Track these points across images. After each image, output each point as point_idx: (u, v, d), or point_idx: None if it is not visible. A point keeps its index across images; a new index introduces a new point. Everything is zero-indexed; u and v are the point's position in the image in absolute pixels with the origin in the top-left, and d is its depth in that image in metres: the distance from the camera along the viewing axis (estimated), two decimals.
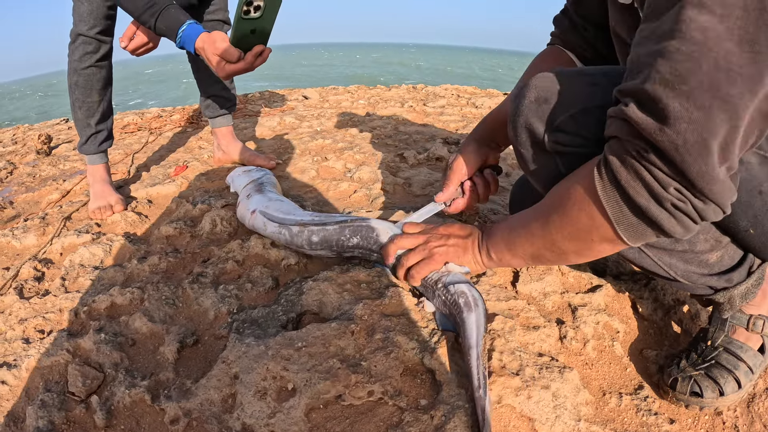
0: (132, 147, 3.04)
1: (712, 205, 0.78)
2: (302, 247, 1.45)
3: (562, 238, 0.97)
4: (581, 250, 0.97)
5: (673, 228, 0.82)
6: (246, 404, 0.98)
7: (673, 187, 0.78)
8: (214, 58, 1.50)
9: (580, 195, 0.91)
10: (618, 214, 0.85)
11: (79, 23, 1.89)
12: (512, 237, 1.11)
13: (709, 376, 1.03)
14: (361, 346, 1.11)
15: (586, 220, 0.90)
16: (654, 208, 0.81)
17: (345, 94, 4.58)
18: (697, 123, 0.71)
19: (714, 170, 0.74)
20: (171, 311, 1.33)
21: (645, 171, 0.79)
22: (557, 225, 0.97)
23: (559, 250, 1.00)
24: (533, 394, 0.99)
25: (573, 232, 0.94)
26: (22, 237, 1.84)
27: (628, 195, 0.82)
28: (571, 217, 0.93)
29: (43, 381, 1.13)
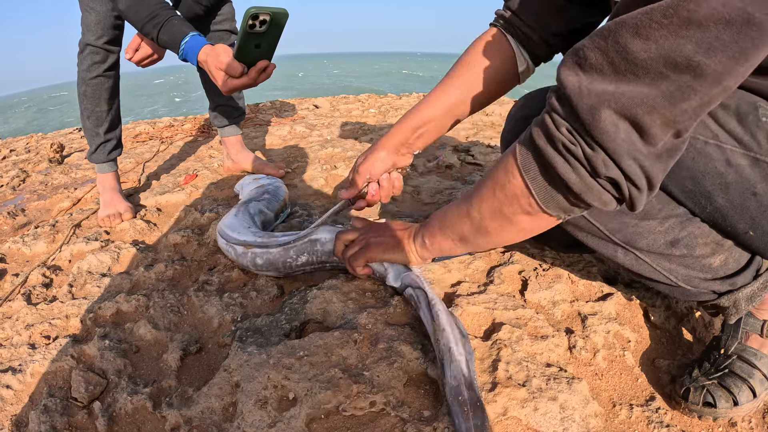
0: (143, 156, 3.05)
1: (601, 153, 0.75)
2: (248, 268, 1.46)
3: (482, 204, 0.96)
4: (499, 218, 0.94)
5: (568, 175, 0.78)
6: (246, 413, 0.97)
7: (565, 127, 0.77)
8: (217, 72, 1.49)
9: (502, 158, 0.91)
10: (525, 162, 0.84)
11: (87, 33, 1.91)
12: (445, 216, 1.10)
13: (722, 385, 1.00)
14: (364, 355, 1.10)
15: (503, 174, 0.89)
16: (549, 150, 0.79)
17: (356, 103, 4.59)
18: (605, 74, 0.71)
19: (605, 112, 0.71)
20: (175, 319, 1.32)
21: (547, 116, 0.80)
22: (480, 195, 0.96)
23: (478, 221, 0.98)
24: (540, 406, 0.97)
25: (491, 192, 0.93)
26: (33, 244, 1.85)
27: (532, 138, 0.82)
28: (492, 181, 0.92)
29: (47, 386, 1.13)
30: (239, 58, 1.45)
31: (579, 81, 0.73)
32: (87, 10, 1.88)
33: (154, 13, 1.57)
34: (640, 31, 0.67)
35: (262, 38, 1.40)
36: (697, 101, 0.69)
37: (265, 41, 1.42)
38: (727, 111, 0.88)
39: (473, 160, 2.58)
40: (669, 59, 0.66)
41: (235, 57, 1.45)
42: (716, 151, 0.89)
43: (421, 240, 1.18)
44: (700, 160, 0.91)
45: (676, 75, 0.67)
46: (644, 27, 0.66)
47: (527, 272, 1.41)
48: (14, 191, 2.66)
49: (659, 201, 0.97)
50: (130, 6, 1.58)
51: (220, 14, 2.16)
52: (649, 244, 0.99)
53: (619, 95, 0.70)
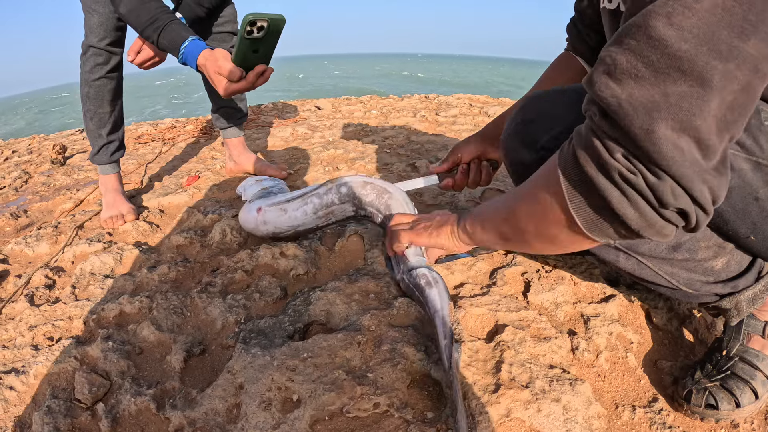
0: (145, 157, 3.05)
1: (668, 180, 0.65)
2: (333, 203, 1.55)
3: (523, 215, 0.90)
4: (541, 234, 0.88)
5: (626, 211, 0.70)
6: (250, 415, 0.97)
7: (621, 153, 0.67)
8: (216, 76, 1.50)
9: (545, 172, 0.83)
10: (571, 190, 0.76)
11: (89, 35, 1.91)
12: (487, 210, 1.08)
13: (724, 387, 1.00)
14: (367, 357, 1.10)
15: (544, 195, 0.82)
16: (602, 180, 0.70)
17: (357, 105, 4.59)
18: (643, 77, 0.64)
19: (663, 131, 0.63)
20: (179, 320, 1.32)
21: (593, 136, 0.70)
22: (521, 201, 0.92)
23: (520, 231, 0.93)
24: (543, 407, 0.97)
25: (532, 210, 0.87)
26: (35, 245, 1.85)
27: (579, 165, 0.73)
28: (532, 194, 0.86)
29: (50, 387, 1.13)
30: (237, 63, 1.47)
31: (615, 93, 0.66)
32: (90, 12, 1.89)
33: (155, 17, 1.58)
34: (673, 20, 0.61)
35: (259, 44, 1.42)
36: (745, 95, 0.63)
37: (263, 46, 1.44)
38: None
39: None
40: (713, 47, 0.60)
41: (233, 61, 1.47)
42: None
43: (463, 227, 1.16)
44: None
45: (722, 64, 0.60)
46: (677, 14, 0.60)
47: (530, 274, 1.41)
48: (16, 192, 2.66)
49: None
50: (131, 10, 1.59)
51: (221, 16, 2.16)
52: (651, 248, 0.99)
53: (671, 105, 0.62)
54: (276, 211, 1.55)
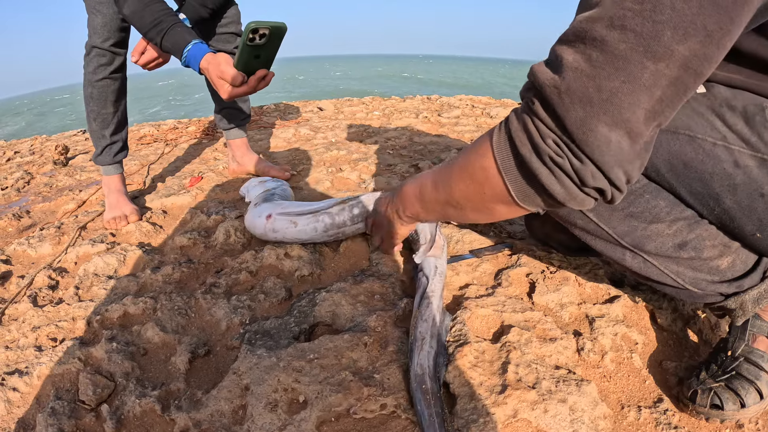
0: (148, 158, 3.05)
1: (590, 165, 0.74)
2: (344, 224, 1.53)
3: (462, 195, 0.96)
4: (478, 207, 0.95)
5: (553, 186, 0.78)
6: (257, 416, 0.97)
7: (552, 139, 0.75)
8: (218, 80, 1.52)
9: (480, 149, 0.88)
10: (506, 165, 0.83)
11: (93, 36, 1.91)
12: (423, 195, 1.12)
13: (729, 387, 1.00)
14: (374, 358, 1.10)
15: (480, 172, 0.88)
16: (534, 161, 0.78)
17: (360, 106, 4.59)
18: (582, 72, 0.70)
19: (593, 121, 0.70)
20: (183, 321, 1.32)
21: (529, 121, 0.78)
22: (458, 178, 0.95)
23: (458, 205, 0.99)
24: (550, 408, 0.97)
25: (469, 185, 0.92)
26: (38, 246, 1.85)
27: (514, 145, 0.80)
28: (469, 169, 0.92)
29: (54, 389, 1.13)
30: (239, 67, 1.49)
31: (556, 84, 0.72)
32: (93, 12, 1.88)
33: (158, 19, 1.59)
34: (614, 22, 0.67)
35: (261, 50, 1.44)
36: (673, 89, 0.69)
37: (264, 52, 1.47)
38: (735, 112, 0.88)
39: None
40: (648, 48, 0.66)
41: (235, 66, 1.49)
42: (724, 152, 0.89)
43: (400, 213, 1.26)
44: (708, 162, 0.90)
45: (654, 64, 0.67)
46: (618, 18, 0.66)
47: (535, 275, 1.41)
48: (19, 193, 2.66)
49: (667, 204, 0.97)
50: (134, 11, 1.59)
51: (225, 17, 2.16)
52: (657, 247, 0.99)
53: (603, 100, 0.69)
54: (286, 222, 1.55)
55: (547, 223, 1.40)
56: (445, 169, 1.02)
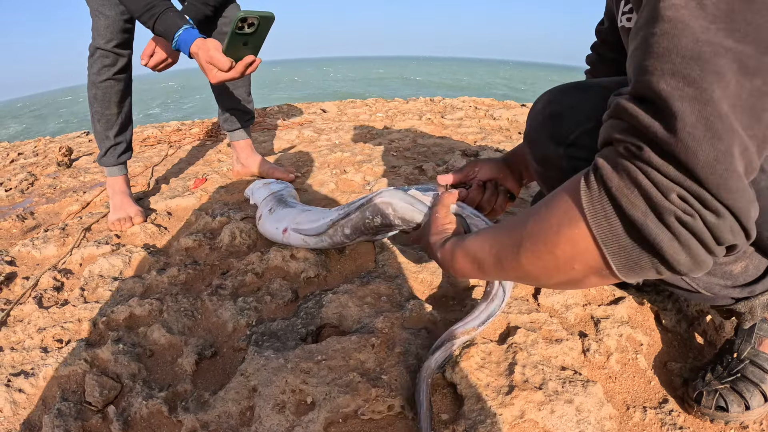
0: (152, 160, 3.06)
1: (729, 217, 0.59)
2: (343, 243, 1.47)
3: (536, 268, 0.77)
4: (560, 282, 0.76)
5: (677, 255, 0.61)
6: (264, 417, 0.97)
7: (676, 193, 0.59)
8: (206, 64, 1.59)
9: (562, 213, 0.71)
10: (607, 235, 0.65)
11: (97, 37, 1.93)
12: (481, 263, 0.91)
13: (734, 389, 1.00)
14: (381, 359, 1.09)
15: (567, 245, 0.70)
16: (652, 224, 0.61)
17: (363, 108, 4.59)
18: (693, 99, 0.56)
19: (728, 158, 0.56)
20: (189, 323, 1.32)
21: (641, 174, 0.61)
22: (531, 254, 0.76)
23: (530, 277, 0.80)
24: (556, 409, 0.97)
25: (548, 262, 0.74)
26: (42, 247, 1.85)
27: (620, 207, 0.63)
28: (547, 243, 0.73)
29: (60, 390, 1.12)
30: (228, 53, 1.55)
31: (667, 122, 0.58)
32: (96, 15, 1.90)
33: (151, 3, 1.65)
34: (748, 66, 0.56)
35: (249, 37, 1.51)
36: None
37: (253, 40, 1.53)
38: None
39: None
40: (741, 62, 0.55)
41: (223, 52, 1.55)
42: None
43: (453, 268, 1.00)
44: None
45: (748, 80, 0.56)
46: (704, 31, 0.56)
47: None
48: (23, 194, 2.66)
49: None
50: None
51: (224, 16, 2.16)
52: None
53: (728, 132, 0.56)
54: (299, 240, 1.54)
55: None
56: (508, 238, 0.83)
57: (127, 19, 1.92)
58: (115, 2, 1.87)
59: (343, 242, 1.46)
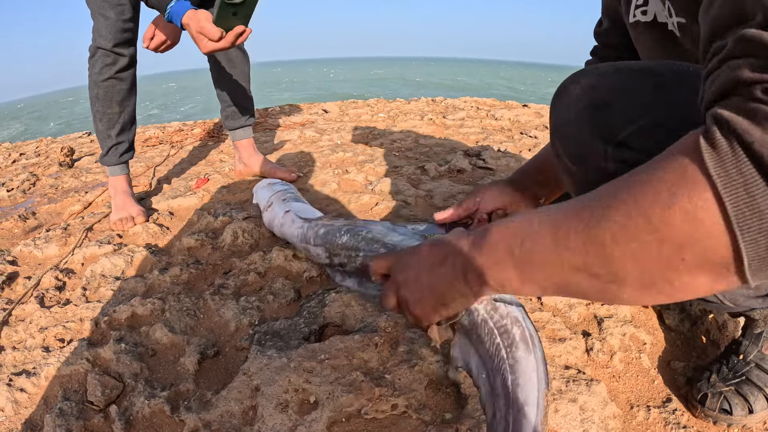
0: (154, 160, 3.05)
1: None
2: (308, 242, 1.41)
3: (623, 254, 0.53)
4: (651, 281, 0.54)
5: None
6: (267, 417, 0.96)
7: None
8: (197, 35, 1.63)
9: (675, 179, 0.49)
10: (744, 211, 0.44)
11: (98, 38, 1.96)
12: (528, 249, 0.64)
13: (739, 392, 1.00)
14: (384, 358, 1.09)
15: (683, 224, 0.48)
16: None
17: (364, 108, 4.59)
18: None
19: None
20: (192, 322, 1.32)
21: None
22: (619, 230, 0.53)
23: (610, 275, 0.56)
24: (560, 408, 0.97)
25: (649, 245, 0.51)
26: (44, 247, 1.85)
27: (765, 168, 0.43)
28: (650, 218, 0.50)
29: (62, 390, 1.12)
30: (218, 24, 1.59)
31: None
32: (97, 17, 1.93)
33: None
34: None
35: (238, 8, 1.54)
36: None
37: (242, 10, 1.56)
38: None
39: (484, 164, 2.57)
40: None
41: (213, 22, 1.59)
42: None
43: (477, 280, 0.72)
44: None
45: None
46: None
47: None
48: (24, 194, 2.66)
49: None
50: None
51: None
52: None
53: None
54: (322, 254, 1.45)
55: None
56: (583, 208, 0.59)
57: (127, 19, 1.94)
58: (115, 3, 1.89)
59: (308, 241, 1.42)
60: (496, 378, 0.77)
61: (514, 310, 0.81)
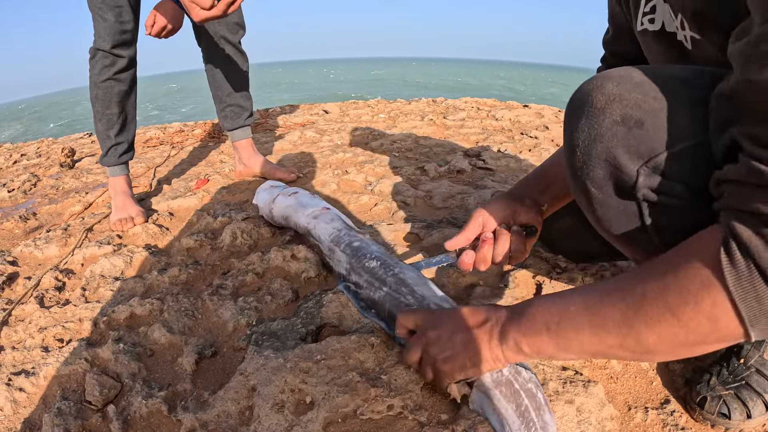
0: (154, 161, 3.06)
1: None
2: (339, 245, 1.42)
3: (658, 340, 0.67)
4: (677, 351, 0.69)
5: None
6: (263, 417, 0.96)
7: None
8: (189, 3, 1.61)
9: (699, 286, 0.62)
10: (757, 316, 0.59)
11: (97, 39, 1.98)
12: (565, 327, 0.76)
13: (738, 397, 1.00)
14: (381, 359, 1.09)
15: (707, 323, 0.62)
16: None
17: (365, 108, 4.59)
18: None
19: None
20: (190, 323, 1.32)
21: None
22: (653, 322, 0.66)
23: (644, 351, 0.70)
24: (557, 409, 0.96)
25: (678, 334, 0.65)
26: (44, 247, 1.85)
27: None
28: (683, 320, 0.63)
29: (60, 389, 1.12)
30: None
31: None
32: (96, 18, 1.96)
33: None
34: None
35: None
36: None
37: None
38: None
39: (484, 165, 2.57)
40: None
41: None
42: None
43: (515, 345, 0.83)
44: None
45: None
46: None
47: (541, 276, 1.41)
48: (25, 195, 2.67)
49: None
50: None
51: None
52: None
53: None
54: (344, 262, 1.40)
55: (556, 229, 1.39)
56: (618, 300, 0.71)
57: (125, 21, 1.96)
58: (113, 6, 1.91)
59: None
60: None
61: (534, 376, 0.91)
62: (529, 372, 0.92)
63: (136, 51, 2.07)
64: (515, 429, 0.86)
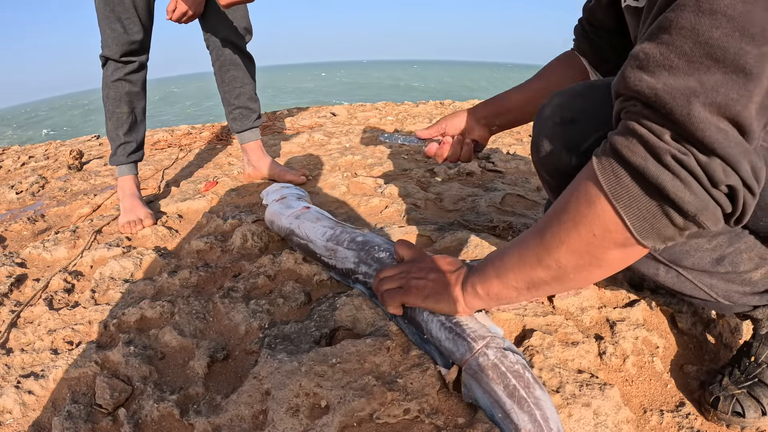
0: (162, 163, 3.06)
1: (717, 159, 0.63)
2: (340, 243, 1.43)
3: (567, 253, 0.79)
4: (584, 263, 0.78)
5: (681, 194, 0.65)
6: (278, 421, 0.95)
7: (669, 135, 0.65)
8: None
9: (579, 183, 0.76)
10: (615, 187, 0.70)
11: (105, 48, 2.04)
12: (504, 261, 0.92)
13: (751, 395, 0.99)
14: (396, 362, 1.08)
15: (585, 208, 0.74)
16: (652, 166, 0.65)
17: (373, 111, 4.59)
18: (677, 69, 0.62)
19: (704, 115, 0.61)
20: (201, 325, 1.31)
21: (637, 125, 0.67)
22: (554, 233, 0.80)
23: (557, 267, 0.81)
24: (574, 412, 0.95)
25: (570, 233, 0.77)
26: (53, 249, 1.85)
27: (623, 158, 0.69)
28: (570, 216, 0.77)
29: (70, 392, 1.11)
30: None
31: (650, 85, 0.64)
32: (103, 29, 2.00)
33: None
34: (702, 6, 0.59)
35: None
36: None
37: None
38: None
39: (494, 167, 2.57)
40: (745, 31, 0.58)
41: None
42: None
43: (472, 289, 0.99)
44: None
45: (756, 48, 0.59)
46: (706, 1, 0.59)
47: None
48: (33, 197, 2.67)
49: None
50: None
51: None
52: (695, 262, 0.96)
53: (708, 90, 0.61)
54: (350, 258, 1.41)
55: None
56: (534, 235, 0.85)
57: (134, 32, 2.00)
58: (123, 17, 1.96)
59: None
60: (520, 415, 0.88)
61: (521, 358, 0.96)
62: (516, 355, 0.96)
63: (147, 56, 2.10)
64: (507, 408, 0.89)
